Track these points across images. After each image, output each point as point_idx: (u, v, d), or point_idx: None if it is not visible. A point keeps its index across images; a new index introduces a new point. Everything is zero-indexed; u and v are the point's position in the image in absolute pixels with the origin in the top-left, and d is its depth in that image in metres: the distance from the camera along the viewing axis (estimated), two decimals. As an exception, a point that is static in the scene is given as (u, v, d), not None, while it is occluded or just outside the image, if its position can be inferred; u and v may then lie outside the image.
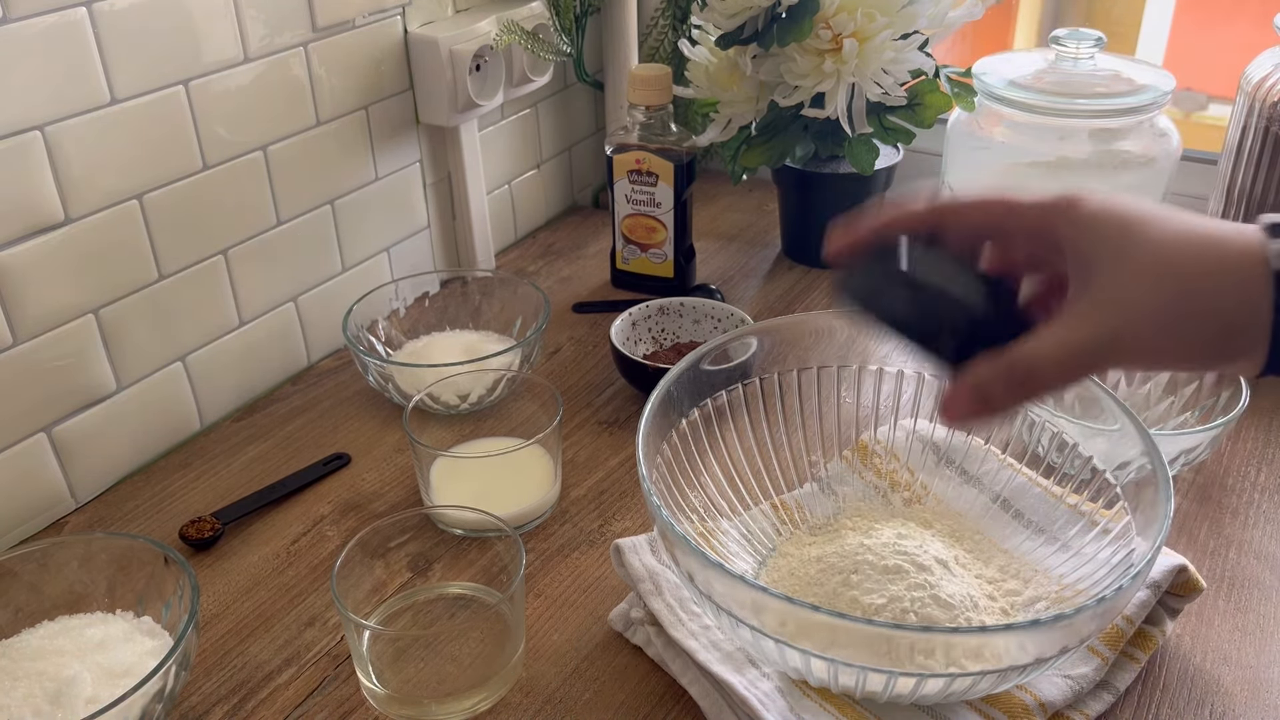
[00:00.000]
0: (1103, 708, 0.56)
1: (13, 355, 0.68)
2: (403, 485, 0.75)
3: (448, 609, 0.65)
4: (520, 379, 0.80)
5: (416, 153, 0.95)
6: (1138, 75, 0.85)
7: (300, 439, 0.81)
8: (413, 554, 0.66)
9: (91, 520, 0.73)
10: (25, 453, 0.70)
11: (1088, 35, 0.86)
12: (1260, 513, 0.70)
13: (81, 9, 0.66)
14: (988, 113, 0.88)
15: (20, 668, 0.56)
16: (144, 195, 0.73)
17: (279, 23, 0.78)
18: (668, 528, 0.52)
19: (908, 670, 0.49)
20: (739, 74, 0.91)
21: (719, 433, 0.66)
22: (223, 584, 0.67)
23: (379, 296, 0.87)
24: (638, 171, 0.93)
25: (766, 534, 0.65)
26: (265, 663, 0.62)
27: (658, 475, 0.60)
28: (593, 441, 0.79)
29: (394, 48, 0.89)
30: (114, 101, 0.69)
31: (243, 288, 0.82)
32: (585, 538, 0.70)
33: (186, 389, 0.80)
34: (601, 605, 0.64)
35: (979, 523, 0.65)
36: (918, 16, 0.85)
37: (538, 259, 1.07)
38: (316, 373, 0.89)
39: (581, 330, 0.94)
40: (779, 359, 0.68)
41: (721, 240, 1.09)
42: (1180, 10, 1.44)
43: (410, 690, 0.58)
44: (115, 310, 0.73)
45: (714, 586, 0.51)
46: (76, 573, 0.62)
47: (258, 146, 0.80)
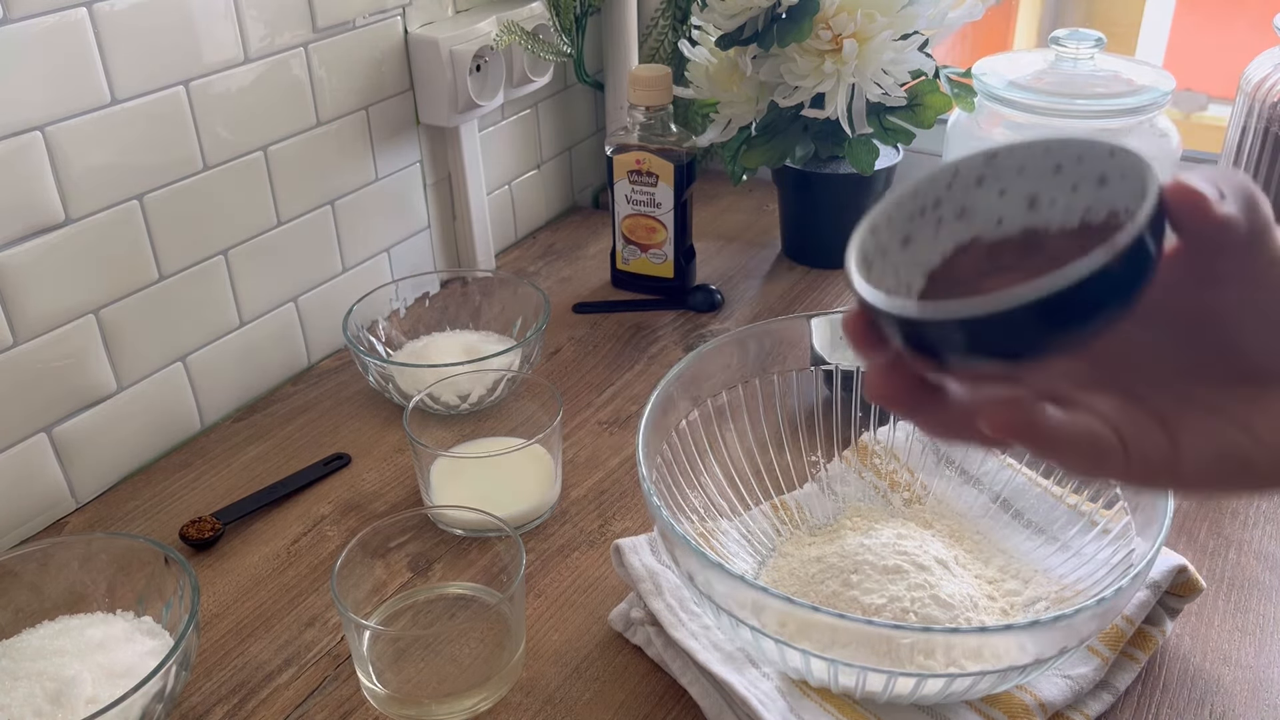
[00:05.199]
0: (1102, 708, 0.56)
1: (13, 355, 0.68)
2: (403, 485, 0.76)
3: (448, 609, 0.65)
4: (520, 379, 0.80)
5: (417, 153, 0.95)
6: (1137, 76, 0.85)
7: (300, 439, 0.81)
8: (413, 554, 0.66)
9: (92, 520, 0.73)
10: (26, 453, 0.70)
11: (1087, 36, 0.86)
12: (1260, 513, 0.70)
13: (82, 9, 0.66)
14: (988, 113, 0.88)
15: (21, 668, 0.56)
16: (144, 196, 0.73)
17: (279, 23, 0.78)
18: (668, 528, 0.52)
19: (908, 670, 0.49)
20: (739, 74, 0.91)
21: (719, 433, 0.66)
22: (223, 584, 0.67)
23: (379, 297, 0.87)
24: (638, 172, 0.93)
25: (766, 534, 0.65)
26: (265, 663, 0.62)
27: (658, 475, 0.60)
28: (593, 441, 0.79)
29: (394, 48, 0.89)
30: (114, 102, 0.69)
31: (243, 288, 0.82)
32: (585, 538, 0.70)
33: (187, 389, 0.80)
34: (602, 605, 0.64)
35: (979, 523, 0.65)
36: (917, 17, 0.85)
37: (538, 259, 1.07)
38: (317, 373, 0.89)
39: (581, 330, 0.94)
40: (778, 359, 0.68)
41: (721, 240, 1.09)
42: (1180, 11, 1.44)
43: (410, 690, 0.58)
44: (115, 310, 0.73)
45: (714, 587, 0.51)
46: (77, 573, 0.62)
47: (258, 147, 0.80)
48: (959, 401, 0.33)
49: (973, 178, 0.35)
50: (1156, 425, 0.33)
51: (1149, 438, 0.33)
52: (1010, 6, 1.45)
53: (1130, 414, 0.33)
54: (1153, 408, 0.33)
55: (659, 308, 0.96)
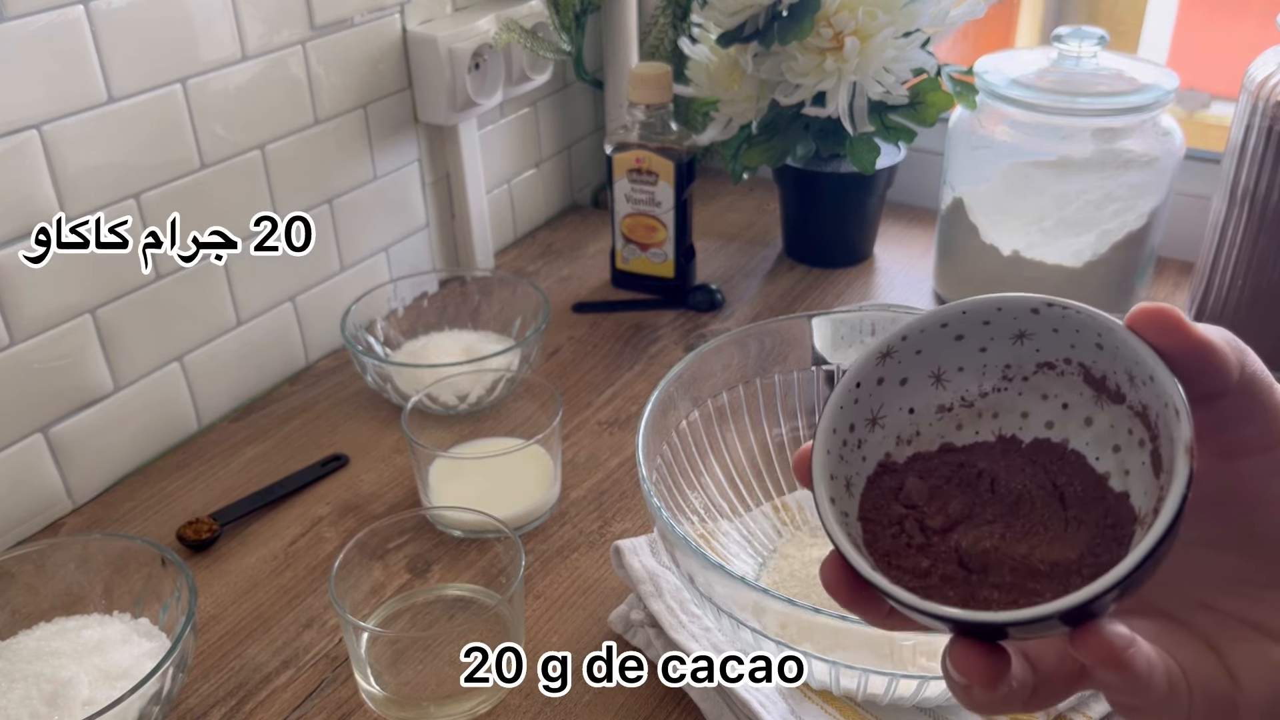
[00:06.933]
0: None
1: (10, 355, 0.67)
2: (401, 486, 0.75)
3: (447, 611, 0.64)
4: (519, 379, 0.79)
5: (415, 152, 0.95)
6: (1141, 74, 0.85)
7: (298, 439, 0.80)
8: (411, 555, 0.66)
9: (89, 521, 0.73)
10: (22, 453, 0.70)
11: (1090, 33, 0.86)
12: (1264, 513, 0.70)
13: (79, 7, 0.66)
14: (990, 111, 0.88)
15: (17, 669, 0.56)
16: (141, 194, 0.73)
17: (277, 21, 0.78)
18: (668, 529, 0.52)
19: (910, 673, 0.49)
20: (739, 72, 0.91)
21: (719, 433, 0.66)
22: (220, 585, 0.67)
23: (377, 296, 0.86)
24: (638, 170, 0.92)
25: (767, 535, 0.65)
26: (263, 664, 0.61)
27: (658, 476, 0.59)
28: (593, 442, 0.79)
29: (392, 46, 0.89)
30: (111, 100, 0.69)
31: (240, 288, 0.82)
32: (585, 539, 0.70)
33: (184, 389, 0.80)
34: (601, 607, 0.64)
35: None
36: (919, 15, 0.85)
37: (537, 259, 1.07)
38: (315, 373, 0.89)
39: (581, 330, 0.94)
40: (779, 359, 0.67)
41: (722, 240, 1.08)
42: (1183, 9, 1.43)
43: (409, 692, 0.58)
44: (112, 310, 0.73)
45: (715, 588, 0.51)
46: (73, 574, 0.62)
47: (256, 145, 0.80)
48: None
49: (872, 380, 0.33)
50: (1207, 649, 0.29)
51: (1204, 667, 0.29)
52: (1012, 4, 1.44)
53: (1177, 639, 0.29)
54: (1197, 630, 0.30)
55: (659, 307, 0.96)
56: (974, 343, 0.32)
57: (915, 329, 0.32)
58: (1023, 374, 0.32)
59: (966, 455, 0.33)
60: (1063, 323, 0.30)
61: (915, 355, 0.33)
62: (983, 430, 0.33)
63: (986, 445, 0.33)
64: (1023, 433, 0.32)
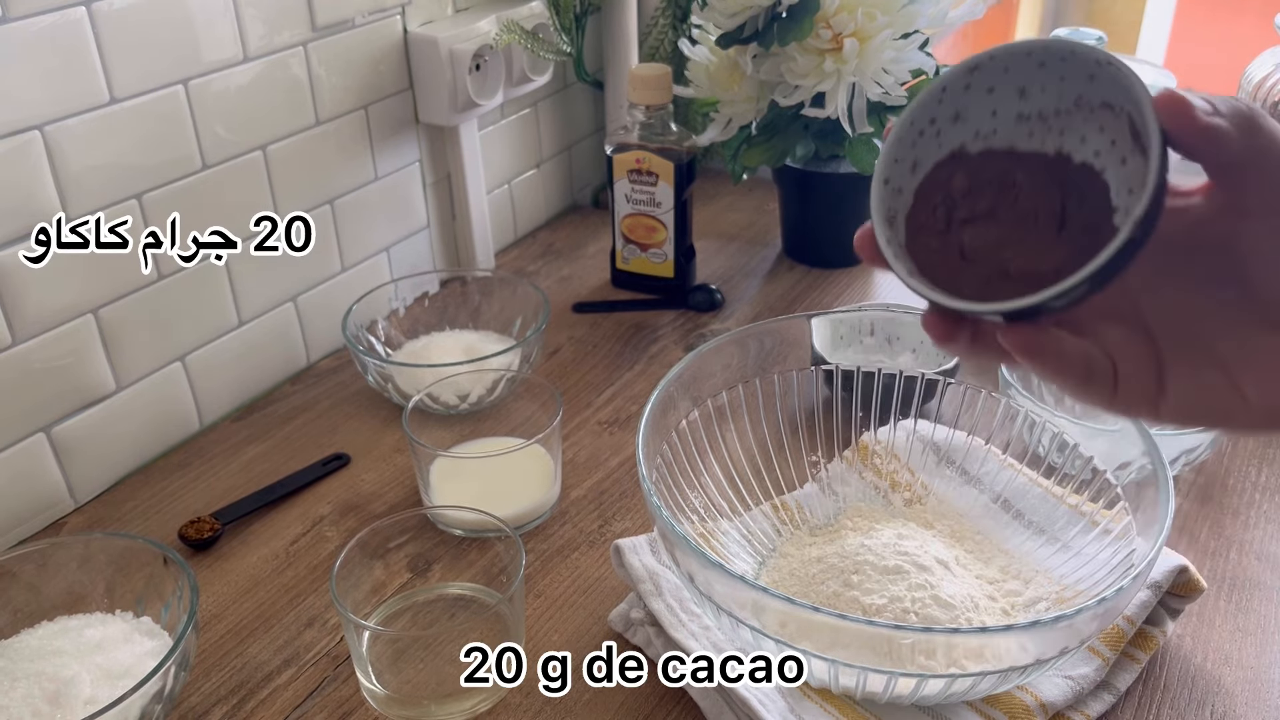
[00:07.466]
0: (1103, 708, 0.56)
1: (12, 355, 0.68)
2: (402, 485, 0.75)
3: (447, 610, 0.65)
4: (520, 379, 0.79)
5: (416, 152, 0.95)
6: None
7: (299, 439, 0.81)
8: (412, 554, 0.66)
9: (90, 520, 0.73)
10: (24, 453, 0.70)
11: (1088, 34, 0.86)
12: (1261, 513, 0.70)
13: (81, 8, 0.66)
14: (988, 112, 0.88)
15: (19, 668, 0.56)
16: (143, 195, 0.73)
17: (278, 22, 0.78)
18: (668, 528, 0.52)
19: (909, 671, 0.49)
20: (739, 73, 0.91)
21: (719, 433, 0.66)
22: (222, 584, 0.67)
23: (378, 296, 0.87)
24: (638, 171, 0.92)
25: (767, 534, 0.65)
26: (265, 663, 0.62)
27: (658, 475, 0.60)
28: (593, 441, 0.79)
29: (393, 47, 0.89)
30: (113, 101, 0.69)
31: (242, 288, 0.82)
32: (585, 538, 0.70)
33: (186, 389, 0.80)
34: (601, 606, 0.64)
35: (979, 523, 0.65)
36: (918, 16, 0.85)
37: (537, 259, 1.07)
38: (316, 373, 0.89)
39: (581, 330, 0.94)
40: (779, 359, 0.67)
41: (721, 240, 1.09)
42: (1181, 9, 1.43)
43: (410, 691, 0.58)
44: (114, 310, 0.73)
45: (714, 587, 0.51)
46: (75, 573, 0.62)
47: (257, 146, 0.80)
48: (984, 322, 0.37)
49: (960, 86, 0.37)
50: (1151, 365, 0.36)
51: (1140, 376, 0.36)
52: (1011, 5, 1.45)
53: (1132, 348, 0.36)
54: (1155, 346, 0.36)
55: (659, 307, 0.96)
56: (1054, 71, 0.36)
57: (1002, 50, 0.37)
58: (1090, 105, 0.36)
59: (1018, 162, 0.37)
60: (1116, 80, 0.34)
61: (1003, 72, 0.37)
62: (1048, 143, 0.37)
63: (1043, 157, 0.37)
64: (1076, 154, 0.36)
